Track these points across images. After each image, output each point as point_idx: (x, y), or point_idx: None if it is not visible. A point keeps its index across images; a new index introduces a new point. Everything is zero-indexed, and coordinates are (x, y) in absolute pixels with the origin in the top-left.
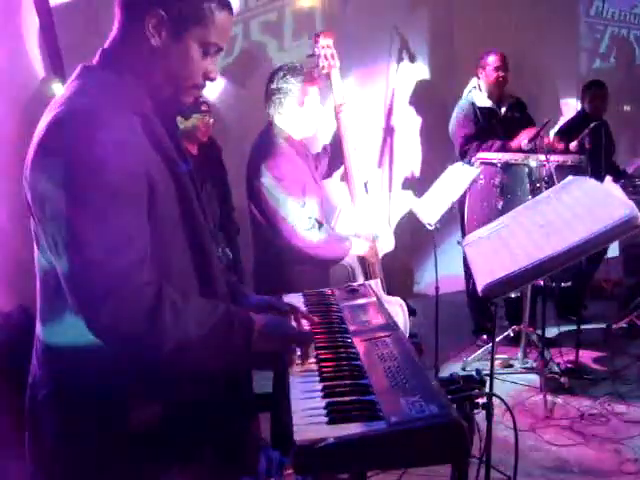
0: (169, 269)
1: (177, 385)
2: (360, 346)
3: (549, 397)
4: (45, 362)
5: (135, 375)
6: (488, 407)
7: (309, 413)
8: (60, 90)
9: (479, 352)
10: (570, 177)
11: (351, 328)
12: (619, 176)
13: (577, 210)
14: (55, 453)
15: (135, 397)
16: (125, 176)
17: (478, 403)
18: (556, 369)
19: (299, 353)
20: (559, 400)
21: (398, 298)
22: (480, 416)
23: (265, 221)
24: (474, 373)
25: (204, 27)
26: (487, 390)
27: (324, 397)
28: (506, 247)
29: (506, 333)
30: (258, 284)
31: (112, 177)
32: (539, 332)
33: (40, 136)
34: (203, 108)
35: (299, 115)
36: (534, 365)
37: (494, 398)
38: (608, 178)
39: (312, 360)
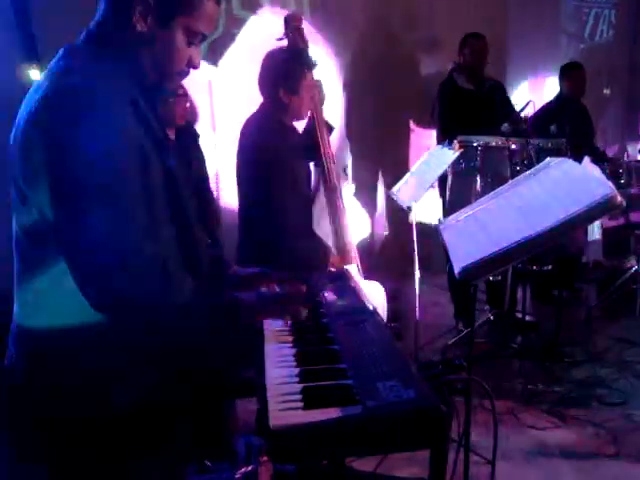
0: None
1: (158, 365)
2: (338, 330)
3: (529, 380)
4: (20, 344)
5: (114, 355)
6: (467, 392)
7: (285, 398)
8: (37, 75)
9: (460, 336)
10: (548, 158)
11: (329, 312)
12: (600, 159)
13: (556, 191)
14: (31, 439)
15: (112, 379)
16: (122, 150)
17: (457, 388)
18: (536, 352)
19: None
20: (539, 383)
21: (376, 283)
22: (460, 400)
23: (255, 205)
24: (453, 357)
25: (191, 16)
26: (466, 374)
27: (300, 382)
28: (484, 229)
29: (486, 317)
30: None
31: (110, 152)
32: (519, 315)
33: (31, 112)
34: (180, 92)
35: (294, 103)
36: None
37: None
38: (586, 159)
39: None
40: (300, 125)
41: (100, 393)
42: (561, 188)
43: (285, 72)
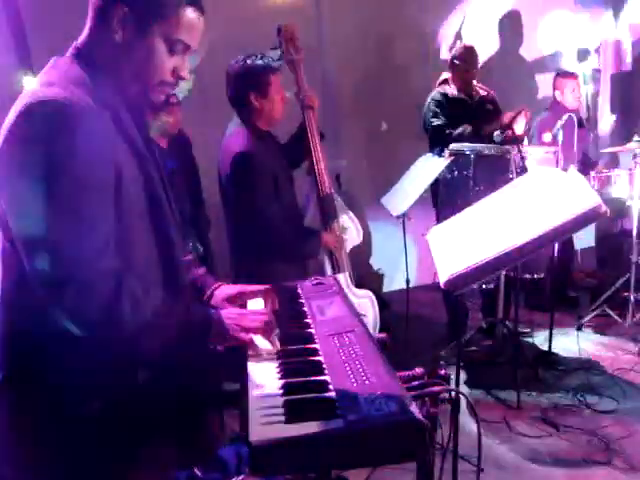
0: (134, 259)
1: (134, 374)
2: (322, 341)
3: (522, 388)
4: (1, 346)
5: (91, 361)
6: (454, 402)
7: (266, 412)
8: (30, 83)
9: (452, 345)
10: (536, 167)
11: (314, 322)
12: (591, 167)
13: (542, 200)
14: (7, 439)
15: (90, 384)
16: (92, 164)
17: (442, 399)
18: (529, 360)
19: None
20: (532, 391)
21: (368, 291)
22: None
23: (239, 217)
24: (439, 368)
25: (169, 23)
26: (453, 384)
27: (283, 395)
28: (470, 239)
29: (479, 325)
30: (236, 278)
31: (78, 165)
32: (512, 323)
33: (9, 125)
34: (172, 101)
35: (266, 106)
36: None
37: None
38: (572, 168)
39: (275, 348)
40: (286, 131)
41: (72, 400)
42: (547, 198)
43: (251, 78)
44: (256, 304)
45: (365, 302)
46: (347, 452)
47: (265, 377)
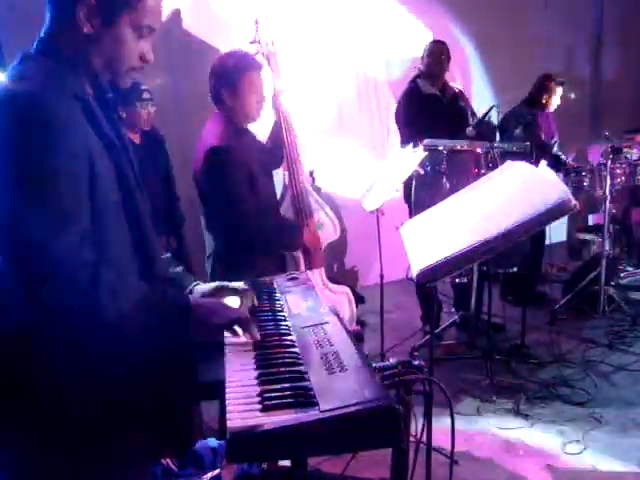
0: (109, 252)
1: (112, 367)
2: (298, 333)
3: (495, 381)
4: None
5: (70, 356)
6: (426, 392)
7: (244, 401)
8: (1, 78)
9: (426, 338)
10: (508, 162)
11: (290, 315)
12: (563, 164)
13: (512, 194)
14: None
15: (70, 380)
16: (65, 157)
17: (417, 388)
18: (502, 353)
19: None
20: (505, 384)
21: (344, 286)
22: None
23: (214, 213)
24: (413, 358)
25: (135, 11)
26: (426, 375)
27: (259, 385)
28: (441, 232)
29: (452, 319)
30: (213, 274)
31: (53, 159)
32: (485, 317)
33: None
34: (145, 96)
35: (237, 104)
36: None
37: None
38: (543, 163)
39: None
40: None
41: (50, 391)
42: (517, 192)
43: (223, 75)
44: (232, 301)
45: (341, 298)
46: (322, 440)
47: (242, 367)
